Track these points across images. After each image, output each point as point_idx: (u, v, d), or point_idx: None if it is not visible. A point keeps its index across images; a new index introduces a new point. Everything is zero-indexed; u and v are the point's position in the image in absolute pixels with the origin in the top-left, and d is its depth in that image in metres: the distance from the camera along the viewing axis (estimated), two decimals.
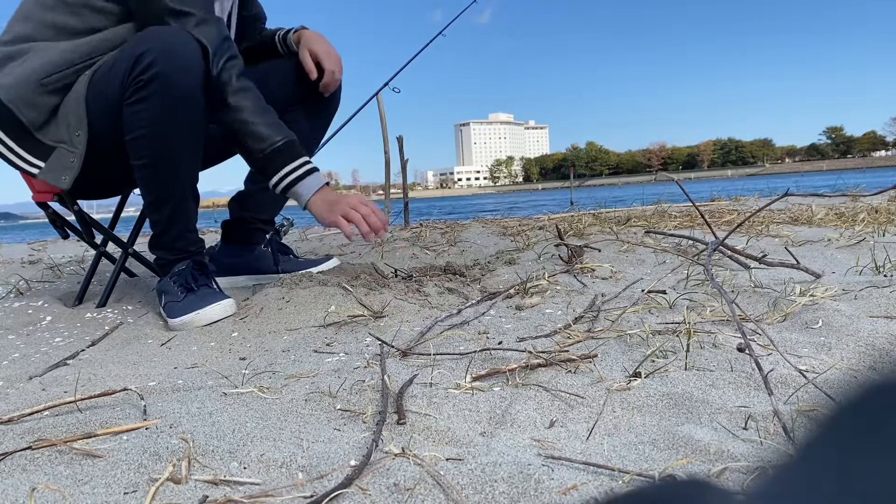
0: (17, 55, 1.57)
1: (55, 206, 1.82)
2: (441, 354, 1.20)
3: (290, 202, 2.14)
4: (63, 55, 1.55)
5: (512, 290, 1.67)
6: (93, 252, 2.01)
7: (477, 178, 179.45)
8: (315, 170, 1.65)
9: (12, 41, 1.58)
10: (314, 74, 1.88)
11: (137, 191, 2.01)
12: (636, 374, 1.03)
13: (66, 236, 1.93)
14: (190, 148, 1.59)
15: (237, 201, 2.05)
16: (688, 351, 1.10)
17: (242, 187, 2.06)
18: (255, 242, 2.06)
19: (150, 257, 1.96)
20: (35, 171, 1.59)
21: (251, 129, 1.57)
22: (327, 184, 1.67)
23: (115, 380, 1.20)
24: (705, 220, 2.19)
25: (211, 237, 2.32)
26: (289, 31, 1.97)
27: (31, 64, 1.55)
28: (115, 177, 1.75)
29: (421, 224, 3.17)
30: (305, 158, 1.64)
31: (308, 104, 1.96)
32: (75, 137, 1.56)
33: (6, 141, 1.58)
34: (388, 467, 0.76)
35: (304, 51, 1.90)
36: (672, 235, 2.19)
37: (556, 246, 2.12)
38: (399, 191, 4.04)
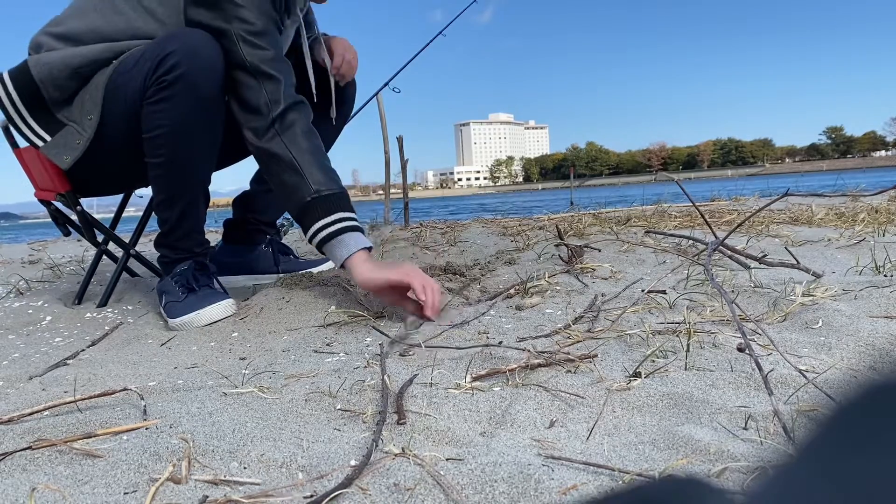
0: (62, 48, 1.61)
1: (57, 203, 1.82)
2: (441, 355, 1.20)
3: None
4: (103, 53, 1.58)
5: (512, 290, 1.67)
6: (93, 252, 2.01)
7: (477, 178, 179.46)
8: (357, 229, 1.53)
9: (63, 37, 1.61)
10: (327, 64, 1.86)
11: (139, 192, 2.01)
12: (636, 374, 1.03)
13: (67, 233, 1.93)
14: (206, 149, 1.61)
15: (241, 201, 2.06)
16: (688, 351, 1.10)
17: (247, 187, 2.06)
18: (255, 243, 2.06)
19: (151, 258, 1.96)
20: (40, 143, 1.61)
21: (302, 169, 1.50)
22: (369, 249, 1.53)
23: (115, 380, 1.20)
24: (706, 221, 2.20)
25: (211, 237, 2.32)
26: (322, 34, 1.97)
27: (72, 52, 1.58)
28: (118, 174, 1.75)
29: (421, 224, 3.17)
30: (341, 227, 1.51)
31: (321, 110, 1.95)
32: (86, 120, 1.57)
33: (22, 111, 1.61)
34: (388, 467, 0.76)
35: (321, 47, 1.89)
36: (672, 235, 2.19)
37: (556, 246, 2.12)
38: (399, 191, 4.04)
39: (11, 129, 1.67)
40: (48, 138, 1.60)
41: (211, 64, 1.51)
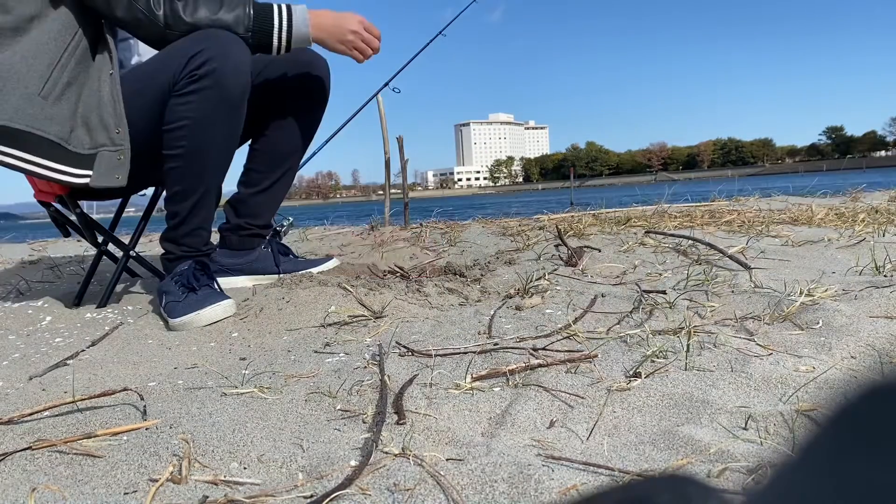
0: None
1: (57, 205, 1.82)
2: (441, 355, 1.20)
3: (286, 202, 2.14)
4: (38, 61, 1.51)
5: (512, 291, 1.67)
6: (93, 252, 2.01)
7: (477, 179, 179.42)
8: (289, 9, 1.66)
9: None
10: None
11: (140, 193, 2.01)
12: (636, 375, 1.03)
13: (67, 234, 1.93)
14: (225, 146, 1.64)
15: (231, 206, 2.04)
16: (688, 351, 1.10)
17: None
18: (252, 248, 2.05)
19: (151, 258, 1.96)
20: (86, 181, 1.55)
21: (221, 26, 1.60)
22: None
23: (115, 380, 1.19)
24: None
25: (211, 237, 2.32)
26: None
27: (18, 84, 1.49)
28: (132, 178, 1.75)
29: (421, 224, 3.17)
30: (278, 6, 1.64)
31: (299, 100, 1.95)
32: (116, 136, 1.56)
33: (44, 163, 1.53)
34: (388, 467, 0.76)
35: None
36: (672, 235, 2.19)
37: (556, 246, 2.12)
38: (399, 191, 4.04)
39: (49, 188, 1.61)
40: (90, 173, 1.55)
41: (240, 63, 1.56)
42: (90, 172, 1.56)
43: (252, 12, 1.62)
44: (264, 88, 1.85)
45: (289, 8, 1.66)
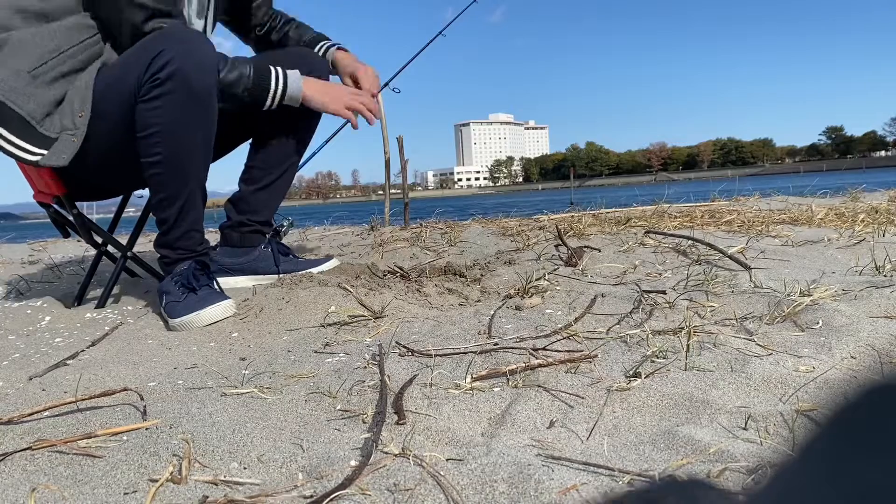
0: None
1: (56, 206, 1.82)
2: (441, 355, 1.20)
3: (286, 203, 2.14)
4: (46, 43, 1.54)
5: (512, 291, 1.67)
6: (93, 253, 2.01)
7: (477, 179, 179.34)
8: (285, 73, 1.76)
9: None
10: (358, 85, 1.95)
11: (138, 192, 2.01)
12: (636, 375, 1.03)
13: (66, 235, 1.93)
14: (201, 146, 1.61)
15: (232, 204, 2.05)
16: (688, 351, 1.10)
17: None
18: (254, 245, 2.06)
19: (150, 259, 1.96)
20: (36, 158, 1.55)
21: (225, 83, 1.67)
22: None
23: (115, 380, 1.20)
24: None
25: (211, 238, 2.32)
26: (328, 47, 2.04)
27: (16, 58, 1.53)
28: (112, 177, 1.75)
29: (421, 224, 3.17)
30: (275, 70, 1.74)
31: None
32: (77, 119, 1.55)
33: (5, 134, 1.55)
34: (388, 468, 0.76)
35: (346, 77, 2.00)
36: (672, 236, 2.19)
37: (556, 246, 2.12)
38: (399, 191, 4.04)
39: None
40: (44, 152, 1.55)
41: (204, 61, 1.52)
42: (45, 152, 1.56)
43: (252, 74, 1.69)
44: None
45: (284, 73, 1.76)
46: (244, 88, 1.69)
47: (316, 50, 2.02)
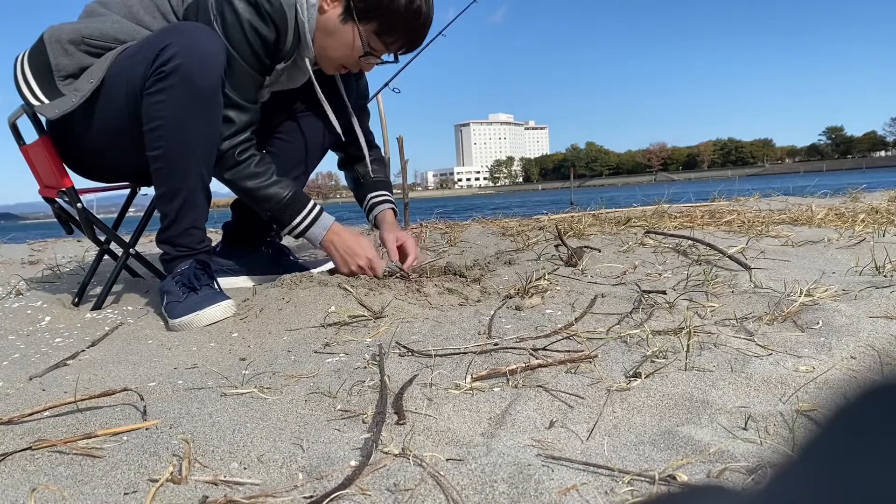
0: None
1: (60, 201, 1.83)
2: (441, 355, 1.20)
3: None
4: (114, 28, 1.63)
5: (512, 291, 1.67)
6: (93, 253, 2.01)
7: (477, 179, 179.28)
8: (320, 213, 1.80)
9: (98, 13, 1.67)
10: (396, 257, 1.93)
11: (143, 190, 2.02)
12: (636, 375, 1.03)
13: (70, 231, 1.93)
14: (205, 141, 1.61)
15: (238, 204, 2.05)
16: (688, 351, 1.10)
17: None
18: (255, 245, 2.06)
19: (152, 258, 1.96)
20: (37, 102, 1.61)
21: (260, 193, 1.73)
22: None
23: (115, 380, 1.20)
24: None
25: (212, 237, 2.31)
26: (376, 203, 2.03)
27: (87, 22, 1.64)
28: (114, 156, 1.76)
29: (421, 224, 3.17)
30: (311, 205, 1.79)
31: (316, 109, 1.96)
32: (87, 84, 1.59)
33: (27, 73, 1.63)
34: (388, 468, 0.76)
35: (391, 236, 1.96)
36: (672, 236, 2.19)
37: (556, 246, 2.12)
38: (399, 191, 4.04)
39: (22, 111, 1.70)
40: (45, 101, 1.61)
41: (209, 56, 1.52)
42: (46, 101, 1.62)
43: (286, 201, 1.74)
44: (282, 94, 1.85)
45: (319, 213, 1.80)
46: (267, 211, 1.75)
47: (369, 197, 2.03)
